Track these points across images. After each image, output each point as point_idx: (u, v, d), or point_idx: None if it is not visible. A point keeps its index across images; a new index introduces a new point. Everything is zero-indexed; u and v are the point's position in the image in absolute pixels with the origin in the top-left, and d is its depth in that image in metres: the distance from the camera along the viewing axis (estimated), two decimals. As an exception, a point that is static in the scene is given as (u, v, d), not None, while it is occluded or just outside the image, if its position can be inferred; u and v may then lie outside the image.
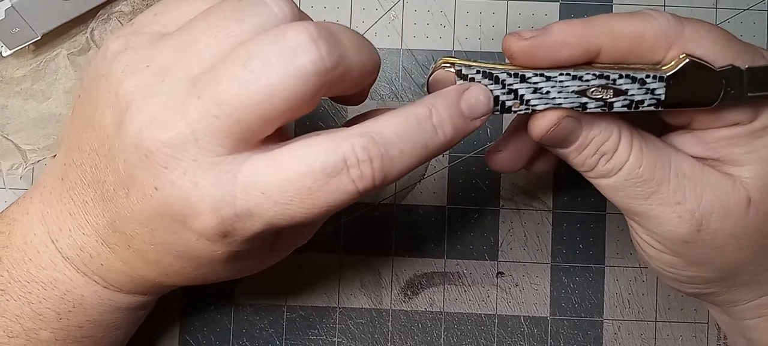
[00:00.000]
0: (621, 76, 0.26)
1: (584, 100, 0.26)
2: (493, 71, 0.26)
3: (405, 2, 0.39)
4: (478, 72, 0.26)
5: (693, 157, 0.28)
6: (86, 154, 0.27)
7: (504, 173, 0.39)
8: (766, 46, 0.39)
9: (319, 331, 0.38)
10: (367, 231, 0.39)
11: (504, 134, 0.32)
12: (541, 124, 0.27)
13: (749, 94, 0.26)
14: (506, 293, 0.38)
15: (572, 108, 0.27)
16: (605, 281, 0.38)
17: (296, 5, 0.25)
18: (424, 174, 0.39)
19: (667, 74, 0.26)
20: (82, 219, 0.28)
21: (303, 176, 0.23)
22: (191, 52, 0.25)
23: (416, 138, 0.25)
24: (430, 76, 0.27)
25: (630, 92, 0.26)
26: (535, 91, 0.26)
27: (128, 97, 0.25)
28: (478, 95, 0.26)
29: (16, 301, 0.28)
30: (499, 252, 0.38)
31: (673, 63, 0.26)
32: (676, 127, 0.29)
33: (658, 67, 0.26)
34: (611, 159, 0.27)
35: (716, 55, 0.26)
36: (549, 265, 0.38)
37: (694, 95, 0.26)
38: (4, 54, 0.36)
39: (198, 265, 0.27)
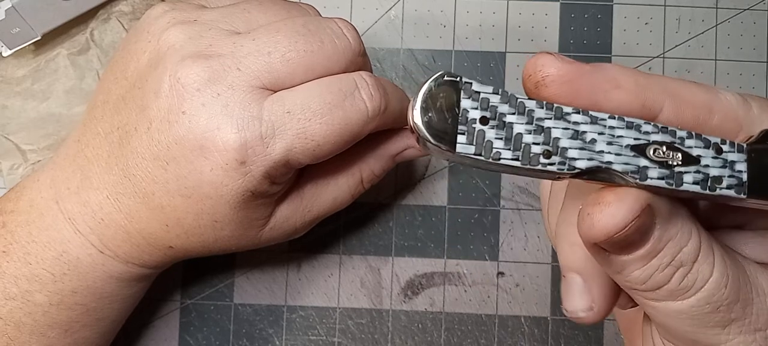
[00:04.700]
0: (690, 137, 0.19)
1: (643, 162, 0.19)
2: (516, 96, 0.19)
3: (405, 2, 0.39)
4: (495, 92, 0.19)
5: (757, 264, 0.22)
6: (111, 105, 0.29)
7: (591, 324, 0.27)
8: (766, 46, 0.39)
9: (319, 331, 0.38)
10: (367, 231, 0.39)
11: (575, 281, 0.22)
12: (617, 216, 0.18)
13: None
14: (507, 293, 0.38)
15: (626, 173, 0.19)
16: (606, 281, 0.38)
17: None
18: (425, 174, 0.39)
19: (748, 143, 0.20)
20: (93, 172, 0.28)
21: (323, 94, 0.27)
22: (240, 17, 0.28)
23: (397, 93, 0.30)
24: (421, 94, 0.21)
25: (703, 161, 0.19)
26: (574, 136, 0.18)
27: (171, 40, 0.27)
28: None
29: (16, 262, 0.29)
30: (500, 252, 0.38)
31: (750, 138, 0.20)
32: (721, 225, 0.23)
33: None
34: (690, 272, 0.20)
35: None
36: (550, 265, 0.38)
37: None
38: (4, 54, 0.36)
39: (201, 211, 0.28)
